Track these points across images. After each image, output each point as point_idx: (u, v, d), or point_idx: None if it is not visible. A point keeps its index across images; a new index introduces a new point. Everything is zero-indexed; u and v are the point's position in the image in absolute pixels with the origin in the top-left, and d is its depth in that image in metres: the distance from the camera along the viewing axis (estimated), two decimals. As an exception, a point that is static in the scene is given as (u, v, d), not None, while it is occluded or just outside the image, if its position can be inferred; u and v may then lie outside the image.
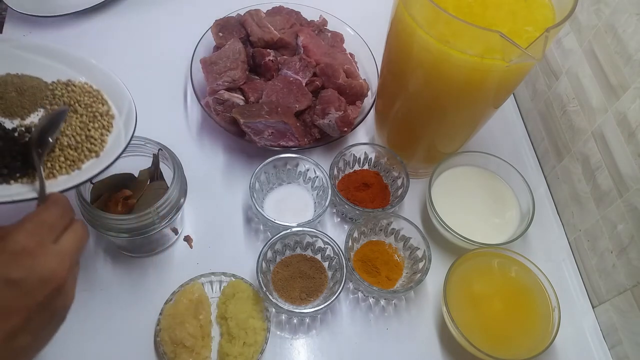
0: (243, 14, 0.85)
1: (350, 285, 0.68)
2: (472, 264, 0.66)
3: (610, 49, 0.65)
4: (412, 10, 0.56)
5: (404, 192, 0.71)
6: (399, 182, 0.74)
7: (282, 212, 0.72)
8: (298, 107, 0.76)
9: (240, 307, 0.62)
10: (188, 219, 0.72)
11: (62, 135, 0.55)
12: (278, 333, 0.65)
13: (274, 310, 0.65)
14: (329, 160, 0.73)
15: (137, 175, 0.66)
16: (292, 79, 0.78)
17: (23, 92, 0.57)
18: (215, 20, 0.83)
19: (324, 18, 0.90)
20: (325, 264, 0.68)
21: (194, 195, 0.68)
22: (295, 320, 0.65)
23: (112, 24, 0.92)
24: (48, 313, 0.42)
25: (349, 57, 0.86)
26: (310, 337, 0.65)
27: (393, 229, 0.69)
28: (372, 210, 0.69)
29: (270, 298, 0.61)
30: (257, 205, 0.67)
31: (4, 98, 0.56)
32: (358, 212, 0.69)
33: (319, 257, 0.68)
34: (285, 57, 0.81)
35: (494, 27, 0.50)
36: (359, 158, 0.76)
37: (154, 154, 0.65)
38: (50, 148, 0.54)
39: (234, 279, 0.65)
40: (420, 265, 0.66)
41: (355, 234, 0.68)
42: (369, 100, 0.82)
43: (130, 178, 0.65)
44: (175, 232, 0.68)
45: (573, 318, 0.69)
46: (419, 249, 0.67)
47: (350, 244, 0.66)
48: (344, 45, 0.88)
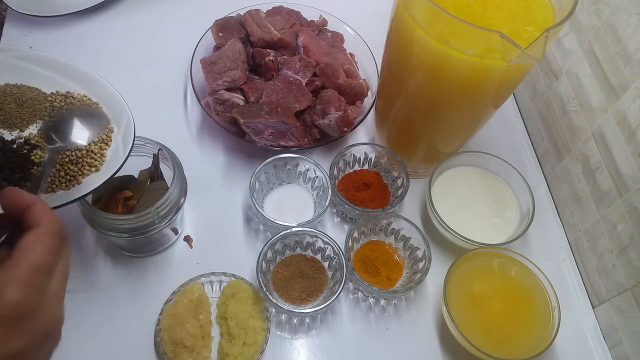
0: (243, 14, 0.85)
1: (350, 285, 0.68)
2: (472, 264, 0.66)
3: (610, 49, 0.65)
4: (412, 10, 0.56)
5: (404, 192, 0.71)
6: (399, 182, 0.74)
7: (282, 212, 0.72)
8: (298, 107, 0.76)
9: (240, 307, 0.62)
10: (188, 219, 0.72)
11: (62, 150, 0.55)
12: (278, 333, 0.65)
13: (274, 310, 0.65)
14: (329, 160, 0.73)
15: (137, 176, 0.66)
16: (292, 79, 0.78)
17: (22, 103, 0.57)
18: (215, 20, 0.83)
19: (324, 18, 0.90)
20: (325, 264, 0.68)
21: (194, 195, 0.68)
22: (295, 320, 0.65)
23: (112, 24, 0.92)
24: (45, 351, 0.37)
25: (349, 57, 0.86)
26: (310, 337, 0.65)
27: (393, 229, 0.69)
28: (372, 210, 0.69)
29: (270, 298, 0.61)
30: (257, 205, 0.67)
31: (3, 109, 0.56)
32: (358, 212, 0.69)
33: (319, 257, 0.68)
34: (285, 57, 0.81)
35: (494, 27, 0.50)
36: (359, 158, 0.76)
37: (154, 154, 0.65)
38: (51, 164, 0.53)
39: (234, 279, 0.65)
40: (420, 265, 0.66)
41: (355, 234, 0.68)
42: (369, 100, 0.82)
43: (131, 179, 0.65)
44: (175, 232, 0.68)
45: (573, 318, 0.69)
46: (419, 249, 0.67)
47: (350, 244, 0.66)
48: (344, 45, 0.88)
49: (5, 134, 0.56)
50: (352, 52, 0.88)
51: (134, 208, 0.62)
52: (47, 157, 0.54)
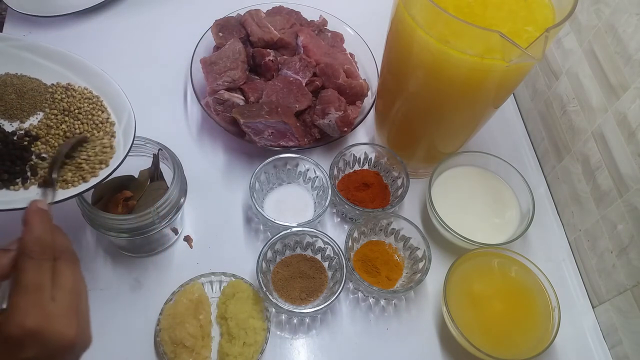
0: (243, 14, 0.85)
1: (350, 285, 0.68)
2: (472, 264, 0.66)
3: (610, 49, 0.65)
4: (412, 10, 0.56)
5: (404, 192, 0.71)
6: (399, 182, 0.74)
7: (282, 212, 0.72)
8: (298, 107, 0.76)
9: (240, 307, 0.62)
10: (188, 219, 0.72)
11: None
12: (278, 333, 0.65)
13: (274, 310, 0.65)
14: (329, 160, 0.73)
15: (137, 176, 0.66)
16: (292, 79, 0.78)
17: (23, 94, 0.56)
18: (215, 20, 0.83)
19: (324, 18, 0.90)
20: (325, 264, 0.68)
21: (194, 195, 0.68)
22: (295, 320, 0.65)
23: (112, 24, 0.92)
24: None
25: (349, 57, 0.86)
26: (310, 337, 0.65)
27: (393, 229, 0.69)
28: (372, 210, 0.69)
29: (270, 298, 0.61)
30: (257, 205, 0.67)
31: (4, 100, 0.55)
32: (358, 212, 0.69)
33: (319, 257, 0.68)
34: (285, 57, 0.81)
35: (494, 27, 0.50)
36: (359, 158, 0.76)
37: (154, 154, 0.65)
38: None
39: (234, 279, 0.65)
40: (420, 265, 0.66)
41: (355, 234, 0.68)
42: (369, 100, 0.82)
43: (131, 179, 0.65)
44: (175, 232, 0.68)
45: (573, 318, 0.69)
46: (419, 249, 0.67)
47: (350, 244, 0.66)
48: (344, 45, 0.88)
49: (6, 125, 0.55)
50: (352, 52, 0.88)
51: (134, 208, 0.62)
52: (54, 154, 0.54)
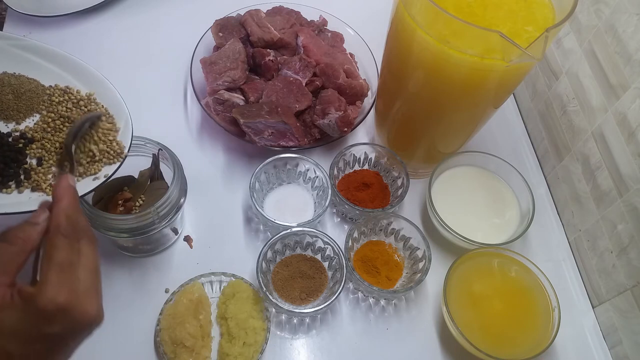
0: (243, 14, 0.85)
1: (350, 285, 0.68)
2: (472, 264, 0.66)
3: (610, 49, 0.65)
4: (412, 10, 0.56)
5: (404, 192, 0.71)
6: (399, 182, 0.74)
7: (282, 212, 0.72)
8: (298, 107, 0.76)
9: (240, 307, 0.62)
10: (188, 219, 0.72)
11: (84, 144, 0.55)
12: (278, 333, 0.65)
13: (274, 310, 0.65)
14: (329, 160, 0.73)
15: (137, 176, 0.66)
16: (292, 79, 0.78)
17: (20, 95, 0.56)
18: (215, 20, 0.83)
19: (324, 18, 0.90)
20: (325, 264, 0.68)
21: (194, 195, 0.68)
22: (295, 320, 0.65)
23: (112, 24, 0.92)
24: (78, 342, 0.42)
25: (349, 57, 0.86)
26: (310, 337, 0.65)
27: (393, 229, 0.69)
28: (372, 210, 0.69)
29: (270, 298, 0.61)
30: (257, 205, 0.67)
31: (0, 100, 0.55)
32: (358, 212, 0.69)
33: (319, 257, 0.68)
34: (285, 57, 0.81)
35: (494, 27, 0.50)
36: (359, 158, 0.76)
37: (154, 154, 0.65)
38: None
39: (234, 279, 0.65)
40: (420, 265, 0.66)
41: (355, 234, 0.68)
42: (369, 100, 0.82)
43: (131, 179, 0.65)
44: (175, 232, 0.68)
45: (573, 318, 0.69)
46: (419, 249, 0.67)
47: (350, 244, 0.66)
48: (344, 45, 0.88)
49: (1, 126, 0.54)
50: (352, 52, 0.88)
51: (140, 207, 0.62)
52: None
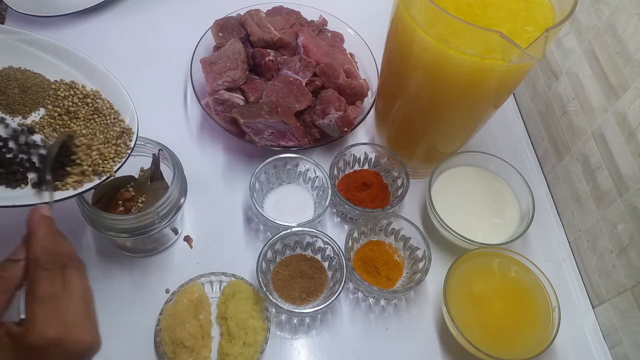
0: (243, 14, 0.85)
1: (350, 285, 0.68)
2: (472, 264, 0.66)
3: (610, 49, 0.65)
4: (412, 10, 0.56)
5: (404, 192, 0.71)
6: (399, 182, 0.74)
7: (282, 212, 0.72)
8: (298, 107, 0.76)
9: (240, 307, 0.62)
10: (188, 219, 0.72)
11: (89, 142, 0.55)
12: (278, 333, 0.65)
13: (274, 310, 0.65)
14: (329, 160, 0.73)
15: (137, 176, 0.66)
16: (292, 79, 0.78)
17: (26, 89, 0.56)
18: (215, 20, 0.83)
19: (324, 18, 0.90)
20: (325, 264, 0.68)
21: (194, 195, 0.68)
22: (295, 320, 0.65)
23: (112, 24, 0.92)
24: None
25: (349, 57, 0.86)
26: (310, 337, 0.65)
27: (393, 229, 0.69)
28: (372, 210, 0.69)
29: (270, 298, 0.61)
30: (257, 205, 0.67)
31: (6, 94, 0.55)
32: (358, 212, 0.69)
33: (319, 257, 0.68)
34: (285, 57, 0.81)
35: (494, 27, 0.50)
36: (359, 158, 0.76)
37: (154, 154, 0.65)
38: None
39: (234, 279, 0.65)
40: (420, 265, 0.66)
41: (355, 234, 0.68)
42: (369, 100, 0.82)
43: (131, 180, 0.65)
44: (175, 232, 0.68)
45: (573, 318, 0.69)
46: (419, 249, 0.67)
47: (350, 244, 0.66)
48: (344, 45, 0.88)
49: (7, 120, 0.55)
50: (352, 52, 0.88)
51: (137, 205, 0.62)
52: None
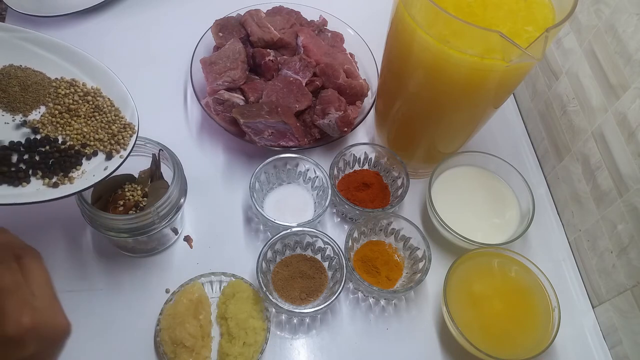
0: (243, 14, 0.85)
1: (350, 285, 0.68)
2: (472, 264, 0.66)
3: (610, 49, 0.65)
4: (412, 10, 0.56)
5: (404, 192, 0.71)
6: (399, 182, 0.74)
7: (282, 212, 0.72)
8: (298, 107, 0.76)
9: (240, 307, 0.62)
10: (188, 219, 0.72)
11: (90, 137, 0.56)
12: (278, 333, 0.65)
13: (274, 310, 0.65)
14: (329, 160, 0.73)
15: (137, 176, 0.66)
16: (292, 79, 0.78)
17: (27, 87, 0.56)
18: (215, 20, 0.83)
19: (324, 18, 0.90)
20: (325, 264, 0.68)
21: (194, 195, 0.68)
22: (295, 320, 0.65)
23: (112, 24, 0.92)
24: (55, 357, 0.42)
25: (349, 57, 0.86)
26: (310, 337, 0.65)
27: (393, 229, 0.69)
28: (372, 210, 0.69)
29: (270, 298, 0.61)
30: (257, 205, 0.67)
31: (7, 92, 0.55)
32: (358, 212, 0.69)
33: (319, 257, 0.68)
34: (285, 57, 0.81)
35: (494, 27, 0.50)
36: (359, 158, 0.76)
37: (154, 154, 0.65)
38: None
39: (234, 279, 0.65)
40: (420, 265, 0.66)
41: (355, 234, 0.68)
42: (369, 100, 0.82)
43: (131, 179, 0.65)
44: (175, 232, 0.68)
45: (573, 318, 0.69)
46: (419, 249, 0.67)
47: (350, 244, 0.66)
48: (344, 45, 0.88)
49: (7, 117, 0.55)
50: (352, 52, 0.88)
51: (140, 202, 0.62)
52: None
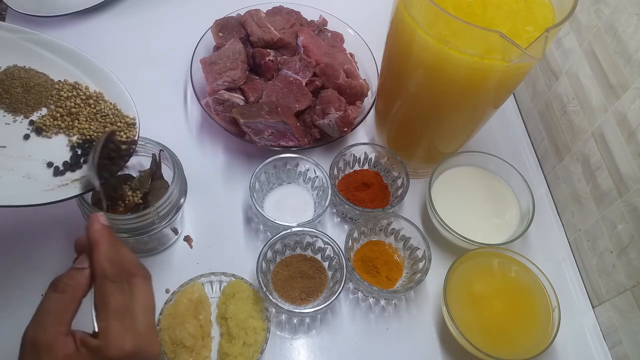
0: (243, 14, 0.85)
1: (350, 285, 0.68)
2: (472, 264, 0.66)
3: (610, 49, 0.65)
4: (412, 10, 0.56)
5: (404, 192, 0.71)
6: (399, 182, 0.74)
7: (282, 212, 0.72)
8: (298, 107, 0.76)
9: (240, 307, 0.62)
10: (188, 219, 0.72)
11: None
12: (278, 333, 0.65)
13: (274, 310, 0.65)
14: (329, 160, 0.73)
15: (137, 176, 0.66)
16: (292, 79, 0.78)
17: (29, 88, 0.56)
18: (215, 20, 0.83)
19: (324, 18, 0.90)
20: (325, 264, 0.68)
21: (194, 195, 0.68)
22: (295, 320, 0.65)
23: (112, 24, 0.92)
24: None
25: (349, 57, 0.86)
26: (310, 337, 0.65)
27: (393, 229, 0.69)
28: (372, 210, 0.69)
29: (270, 298, 0.61)
30: (257, 205, 0.67)
31: (10, 93, 0.55)
32: (358, 212, 0.69)
33: (319, 257, 0.68)
34: (285, 57, 0.81)
35: (494, 27, 0.50)
36: (359, 158, 0.76)
37: (154, 154, 0.65)
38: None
39: (234, 279, 0.65)
40: (420, 265, 0.66)
41: (355, 234, 0.68)
42: (369, 100, 0.82)
43: (130, 179, 0.65)
44: (175, 232, 0.68)
45: (573, 318, 0.69)
46: (419, 249, 0.67)
47: (350, 244, 0.66)
48: (344, 45, 0.88)
49: (8, 118, 0.55)
50: (352, 52, 0.88)
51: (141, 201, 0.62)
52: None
